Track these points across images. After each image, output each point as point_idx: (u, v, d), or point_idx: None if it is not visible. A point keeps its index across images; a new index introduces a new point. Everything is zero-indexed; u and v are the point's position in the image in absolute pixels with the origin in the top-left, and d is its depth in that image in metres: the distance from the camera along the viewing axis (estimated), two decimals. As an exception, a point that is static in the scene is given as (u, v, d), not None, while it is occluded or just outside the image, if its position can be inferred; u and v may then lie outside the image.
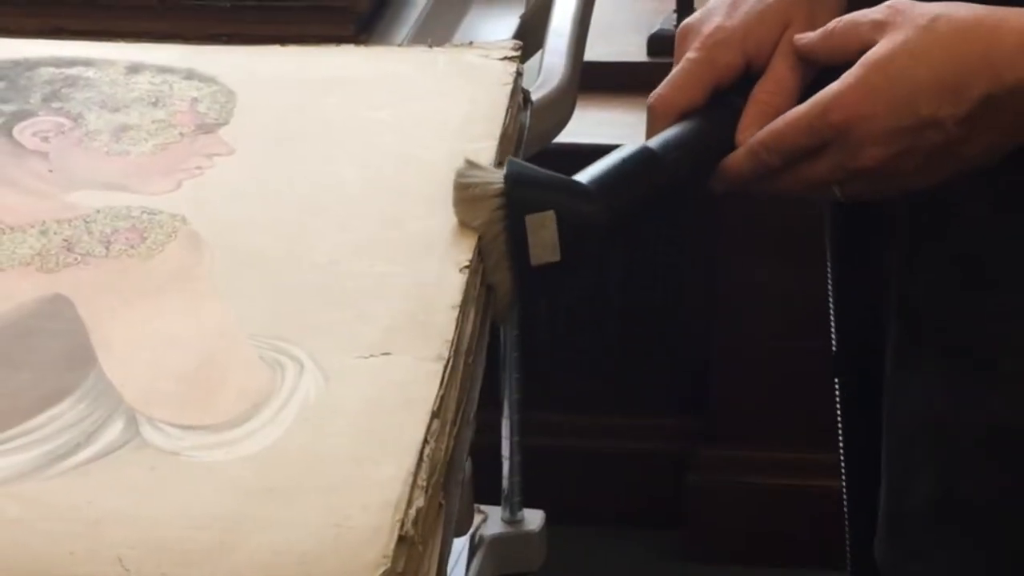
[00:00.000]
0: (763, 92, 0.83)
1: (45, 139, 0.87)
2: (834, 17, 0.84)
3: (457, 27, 1.28)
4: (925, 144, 0.78)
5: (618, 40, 1.94)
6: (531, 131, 0.96)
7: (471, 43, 1.00)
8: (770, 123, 0.80)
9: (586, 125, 1.65)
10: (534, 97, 1.01)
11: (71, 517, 0.62)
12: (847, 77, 0.78)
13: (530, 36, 1.15)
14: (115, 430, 0.66)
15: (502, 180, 0.77)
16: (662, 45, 1.87)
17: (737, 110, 0.83)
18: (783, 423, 1.93)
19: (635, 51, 1.93)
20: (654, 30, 1.94)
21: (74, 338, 0.72)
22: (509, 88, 0.92)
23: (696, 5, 1.90)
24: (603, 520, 2.01)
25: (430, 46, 1.01)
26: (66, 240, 0.78)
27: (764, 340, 1.91)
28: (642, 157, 0.80)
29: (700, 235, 1.95)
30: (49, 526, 0.61)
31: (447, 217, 0.80)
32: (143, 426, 0.67)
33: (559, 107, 1.13)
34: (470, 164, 0.79)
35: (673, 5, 1.92)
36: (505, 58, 0.95)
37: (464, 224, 0.78)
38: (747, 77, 0.85)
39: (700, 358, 1.97)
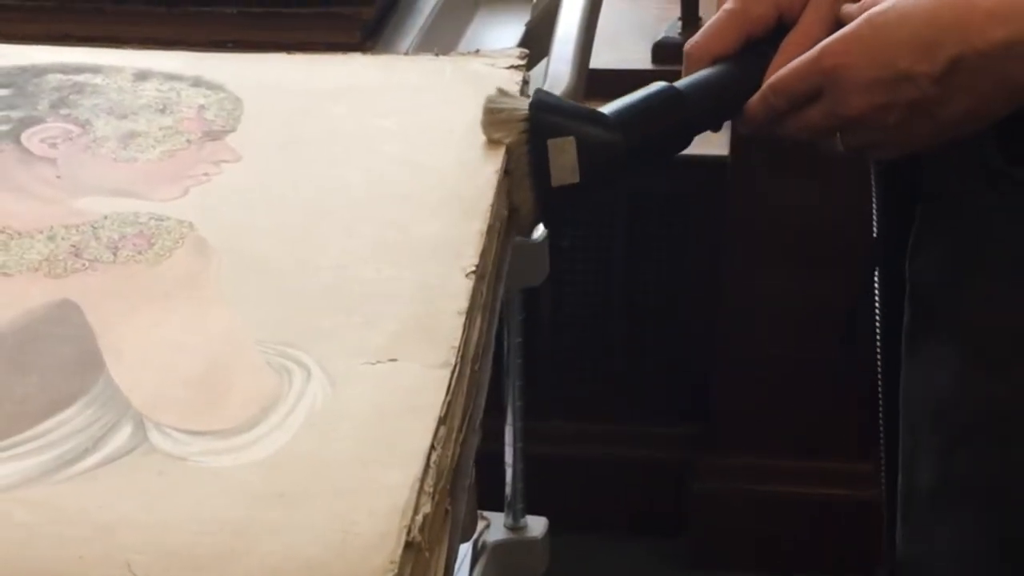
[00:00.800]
0: (791, 43, 0.88)
1: (53, 145, 0.88)
2: None
3: (462, 35, 1.28)
4: (903, 99, 0.81)
5: (623, 48, 1.95)
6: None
7: (477, 51, 1.00)
8: (777, 72, 0.86)
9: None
10: (539, 105, 1.01)
11: (80, 521, 0.62)
12: (844, 28, 0.84)
13: (535, 44, 1.16)
14: (123, 435, 0.66)
15: (528, 107, 0.84)
16: (667, 53, 1.87)
17: (767, 58, 0.89)
18: (785, 430, 1.93)
19: (640, 59, 1.93)
20: (659, 38, 1.94)
21: (82, 343, 0.72)
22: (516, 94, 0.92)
23: (701, 13, 1.91)
24: (606, 527, 2.01)
25: (436, 55, 1.01)
26: (74, 246, 0.79)
27: (766, 347, 1.91)
28: (665, 94, 0.87)
29: (703, 242, 1.95)
30: (58, 530, 0.62)
31: (453, 222, 0.80)
32: (151, 431, 0.67)
33: (564, 115, 1.13)
34: (501, 92, 0.86)
35: (678, 13, 1.93)
36: (511, 66, 0.96)
37: (492, 141, 0.85)
38: (779, 29, 0.90)
39: (703, 366, 1.97)
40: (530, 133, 0.83)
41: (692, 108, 0.87)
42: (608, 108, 0.86)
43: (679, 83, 0.88)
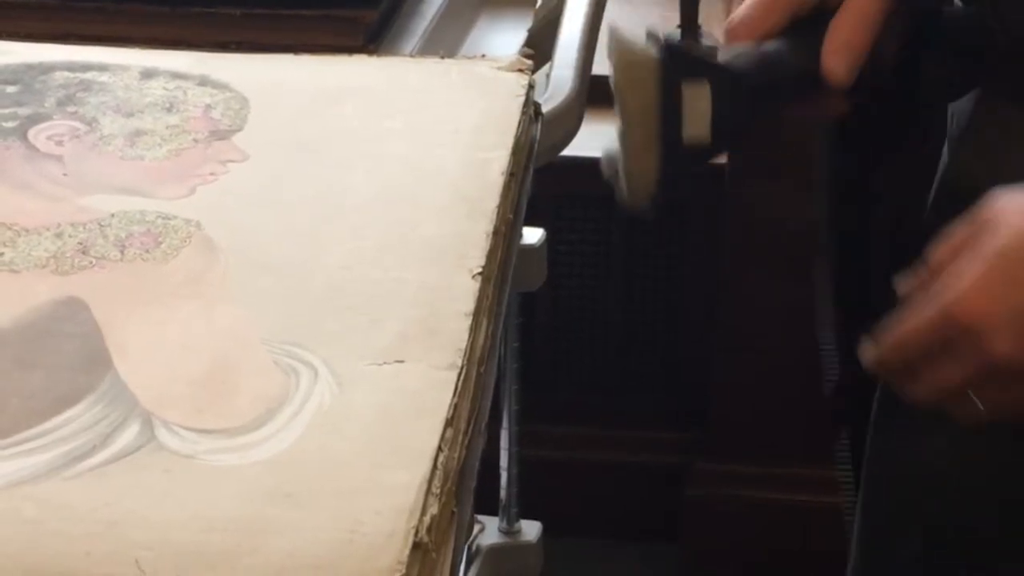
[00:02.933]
0: (844, 22, 0.84)
1: (60, 143, 0.88)
2: None
3: (465, 39, 1.28)
4: None
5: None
6: (540, 143, 0.97)
7: (483, 56, 1.01)
8: (894, 328, 0.78)
9: (594, 137, 1.66)
10: (543, 110, 1.02)
11: (88, 518, 0.62)
12: (968, 268, 0.77)
13: (538, 49, 1.16)
14: (131, 433, 0.67)
15: (656, 48, 0.75)
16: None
17: (818, 37, 0.84)
18: (781, 438, 1.93)
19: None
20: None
21: (89, 340, 0.72)
22: (521, 100, 0.93)
23: (701, 20, 1.91)
24: (600, 532, 2.01)
25: (441, 57, 1.01)
26: (81, 243, 0.79)
27: (763, 355, 1.91)
28: (773, 53, 0.80)
29: (700, 249, 1.95)
30: (66, 527, 0.62)
31: (459, 224, 0.81)
32: (158, 429, 0.67)
33: (567, 120, 1.13)
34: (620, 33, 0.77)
35: (678, 19, 1.93)
36: (517, 70, 0.96)
37: (619, 93, 0.74)
38: (823, 11, 0.85)
39: (699, 372, 1.97)
40: (662, 77, 0.74)
41: (797, 66, 0.81)
42: (731, 57, 0.78)
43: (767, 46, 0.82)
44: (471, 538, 1.64)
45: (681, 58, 0.75)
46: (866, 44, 0.85)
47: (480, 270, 0.77)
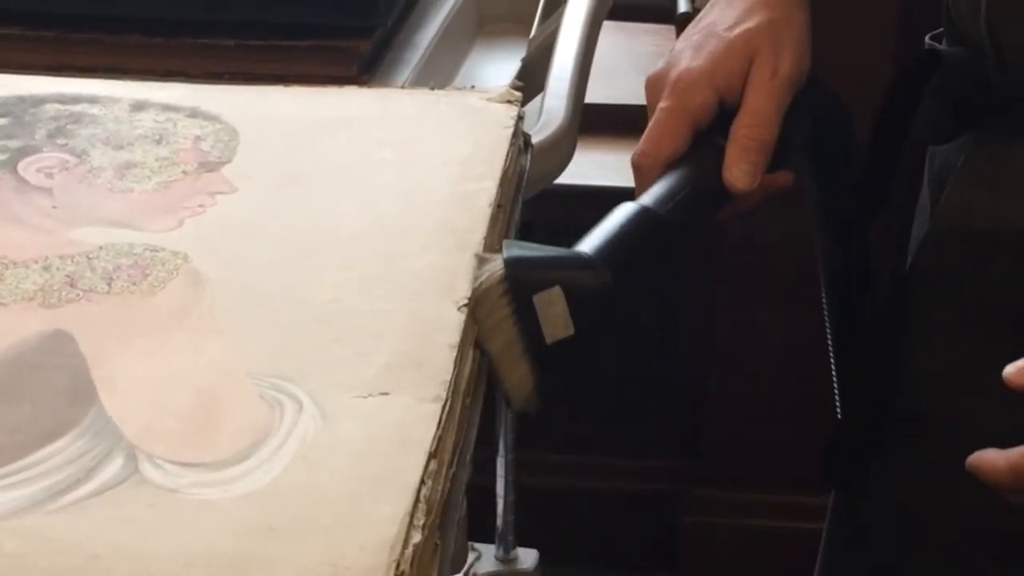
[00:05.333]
0: (742, 126, 0.84)
1: (49, 175, 0.88)
2: (799, 46, 0.85)
3: (459, 69, 1.29)
4: None
5: (618, 83, 1.95)
6: (532, 173, 0.97)
7: (472, 87, 1.01)
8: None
9: (587, 167, 1.66)
10: (536, 139, 1.02)
11: (71, 552, 0.62)
12: None
13: (531, 79, 1.16)
14: (115, 466, 0.67)
15: (502, 265, 0.76)
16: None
17: (720, 149, 0.84)
18: (778, 465, 1.93)
19: (635, 94, 1.93)
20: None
21: (75, 373, 0.72)
22: (510, 131, 0.93)
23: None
24: (597, 560, 2.00)
25: (432, 88, 1.02)
26: (69, 276, 0.79)
27: (760, 382, 1.92)
28: (638, 216, 0.80)
29: (697, 277, 1.95)
30: (49, 561, 0.62)
31: (446, 255, 0.81)
32: (142, 463, 0.67)
33: (560, 149, 1.14)
34: (480, 259, 0.78)
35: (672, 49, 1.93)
36: (506, 101, 0.96)
37: (478, 321, 0.76)
38: (723, 115, 0.85)
39: (696, 399, 1.97)
40: (512, 294, 0.75)
41: (669, 224, 0.80)
42: (584, 245, 0.79)
43: (643, 199, 0.82)
44: (467, 566, 1.64)
45: (524, 268, 0.76)
46: (766, 144, 0.84)
47: (466, 302, 0.77)
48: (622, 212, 0.80)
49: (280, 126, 0.95)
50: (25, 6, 1.16)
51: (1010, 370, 0.74)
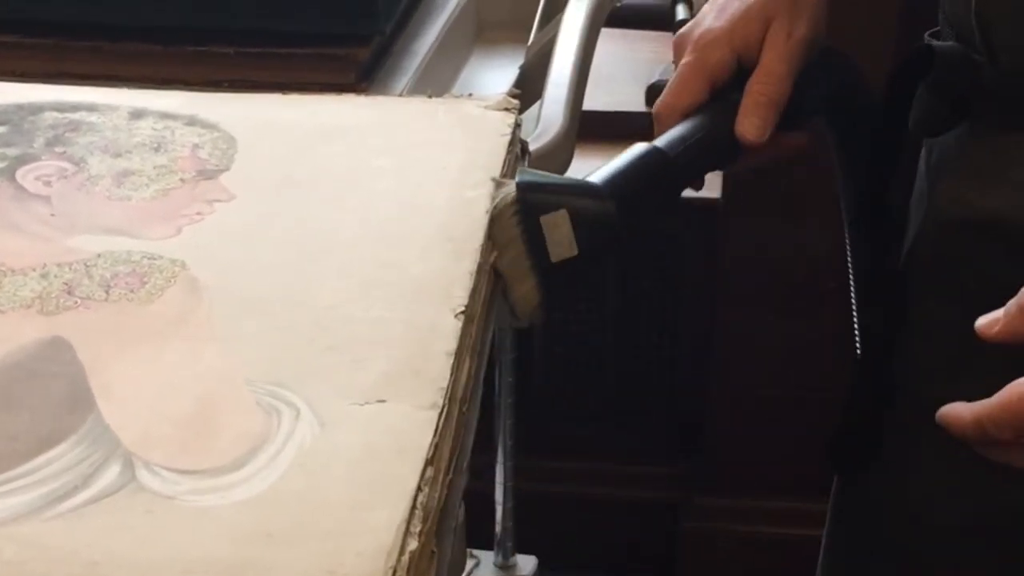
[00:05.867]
0: (756, 83, 0.89)
1: (47, 183, 0.88)
2: (815, 11, 0.90)
3: (457, 77, 1.29)
4: None
5: (616, 90, 1.96)
6: (529, 180, 0.97)
7: (470, 95, 1.01)
8: (999, 396, 0.74)
9: (584, 173, 1.66)
10: (534, 147, 1.02)
11: (69, 560, 0.62)
12: None
13: (530, 86, 1.17)
14: (112, 474, 0.67)
15: (515, 189, 0.83)
16: (660, 95, 1.88)
17: (735, 103, 0.90)
18: (777, 472, 1.93)
19: (633, 101, 1.95)
20: (652, 80, 1.95)
21: (73, 381, 0.72)
22: (507, 139, 0.93)
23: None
24: (596, 567, 2.01)
25: (430, 96, 1.02)
26: (67, 284, 0.79)
27: (759, 388, 1.92)
28: (648, 153, 0.87)
29: (696, 283, 1.96)
30: (46, 568, 0.62)
31: (444, 262, 0.81)
32: (140, 470, 0.67)
33: (558, 156, 1.14)
34: (497, 183, 0.86)
35: (671, 56, 1.93)
36: (504, 109, 0.97)
37: (494, 242, 0.83)
38: (740, 73, 0.90)
39: (694, 406, 1.98)
40: (522, 215, 0.83)
41: (676, 165, 0.87)
42: (595, 176, 0.85)
43: (656, 141, 0.88)
44: (466, 573, 1.64)
45: (533, 192, 0.84)
46: (777, 101, 0.89)
47: (463, 309, 0.77)
48: (635, 150, 0.87)
49: (278, 134, 0.95)
50: (23, 13, 1.16)
51: (981, 322, 0.76)
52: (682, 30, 0.95)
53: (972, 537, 0.95)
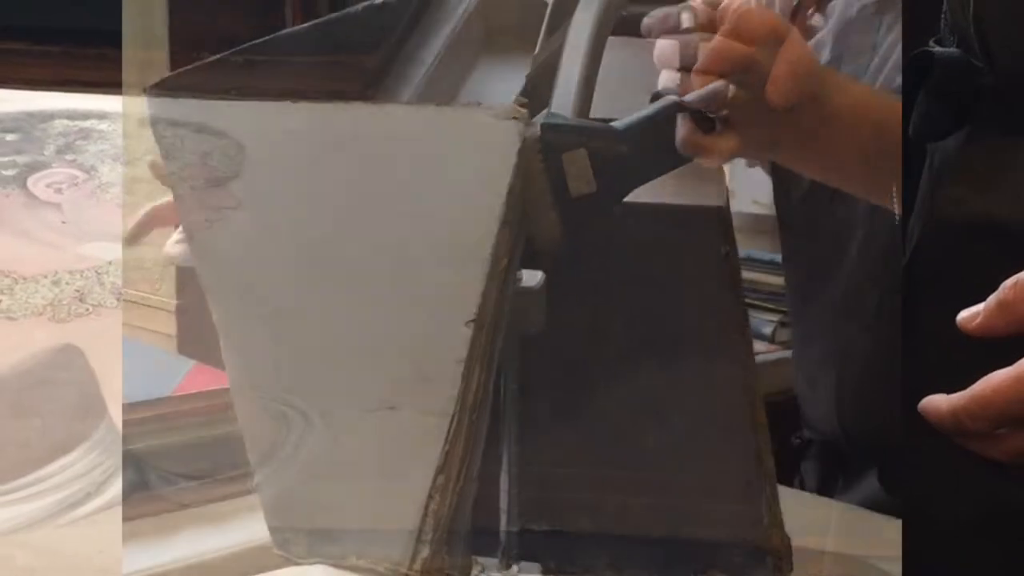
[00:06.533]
0: (788, 52, 0.92)
1: (58, 191, 0.88)
2: None
3: (463, 85, 1.29)
4: None
5: (623, 98, 1.96)
6: (536, 188, 0.97)
7: (479, 103, 1.01)
8: (973, 387, 0.75)
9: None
10: (540, 155, 1.02)
11: (82, 566, 0.62)
12: None
13: (536, 94, 1.16)
14: (124, 480, 0.67)
15: (539, 129, 0.89)
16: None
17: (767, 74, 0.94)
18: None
19: (640, 109, 1.95)
20: (658, 89, 1.95)
21: (85, 388, 0.72)
22: (516, 147, 0.93)
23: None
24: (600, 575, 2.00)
25: (438, 104, 1.02)
26: (78, 291, 0.79)
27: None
28: (669, 106, 0.95)
29: (698, 291, 1.95)
30: (59, 574, 0.62)
31: (454, 271, 0.81)
32: (151, 476, 0.67)
33: (564, 164, 1.14)
34: (525, 124, 0.90)
35: (678, 64, 1.94)
36: (512, 118, 0.96)
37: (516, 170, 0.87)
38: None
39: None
40: (545, 152, 0.88)
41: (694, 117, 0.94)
42: (618, 122, 0.92)
43: (685, 96, 0.97)
44: (471, 580, 1.64)
45: (557, 132, 0.90)
46: (810, 70, 0.94)
47: (473, 317, 0.77)
48: (660, 101, 0.96)
49: (287, 141, 0.95)
50: (30, 21, 1.17)
51: (963, 315, 0.78)
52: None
53: (972, 537, 0.95)
